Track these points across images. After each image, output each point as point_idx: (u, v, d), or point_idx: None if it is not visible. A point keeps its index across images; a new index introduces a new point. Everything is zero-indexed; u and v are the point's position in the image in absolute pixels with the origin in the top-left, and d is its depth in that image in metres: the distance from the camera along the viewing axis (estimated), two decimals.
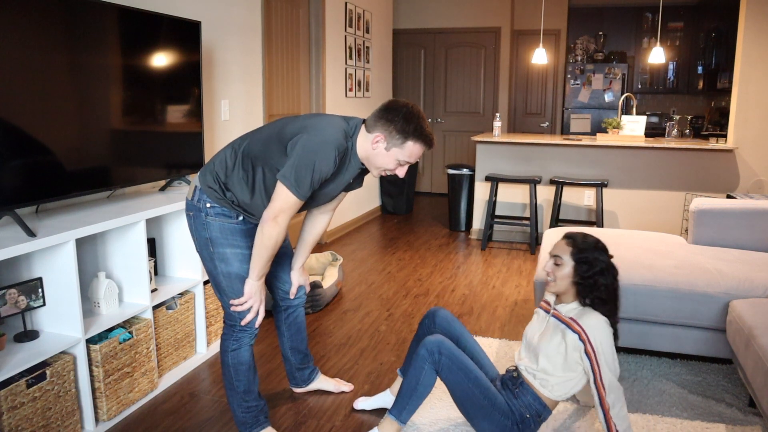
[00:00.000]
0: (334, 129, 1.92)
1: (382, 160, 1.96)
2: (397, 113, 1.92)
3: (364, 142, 1.98)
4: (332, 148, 1.88)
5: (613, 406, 1.98)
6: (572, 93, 7.49)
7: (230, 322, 2.11)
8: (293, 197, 1.89)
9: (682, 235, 4.76)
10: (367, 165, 2.02)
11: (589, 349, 2.00)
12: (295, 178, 1.87)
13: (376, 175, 2.04)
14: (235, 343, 2.11)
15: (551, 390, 2.10)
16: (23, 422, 1.96)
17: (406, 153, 1.94)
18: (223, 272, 2.05)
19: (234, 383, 2.13)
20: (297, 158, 1.87)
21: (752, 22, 4.58)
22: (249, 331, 2.11)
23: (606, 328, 2.03)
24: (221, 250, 2.03)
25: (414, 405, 2.10)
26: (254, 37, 3.95)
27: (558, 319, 2.14)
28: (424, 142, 1.94)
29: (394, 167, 1.98)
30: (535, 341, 2.17)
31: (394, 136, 1.92)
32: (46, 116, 2.13)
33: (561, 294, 2.15)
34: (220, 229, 2.03)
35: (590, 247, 2.10)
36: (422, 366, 2.07)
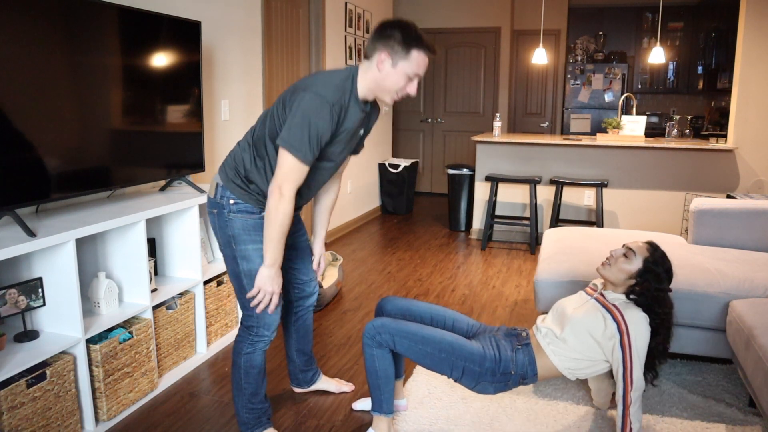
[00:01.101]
0: (328, 86, 1.88)
1: (392, 79, 1.91)
2: (393, 28, 1.88)
3: (367, 72, 1.93)
4: (326, 105, 1.84)
5: (634, 403, 2.01)
6: (572, 93, 7.49)
7: (248, 324, 2.09)
8: (296, 161, 1.85)
9: (682, 235, 4.76)
10: (379, 94, 1.96)
11: (625, 341, 2.02)
12: (294, 140, 1.83)
13: (390, 101, 1.98)
14: (250, 347, 2.09)
15: (560, 359, 2.12)
16: (23, 422, 1.96)
17: (414, 64, 1.89)
18: (245, 271, 2.02)
19: (242, 384, 2.12)
20: (292, 119, 1.84)
21: (752, 22, 4.58)
22: (266, 337, 2.09)
23: (646, 327, 2.06)
24: (243, 247, 2.01)
25: (387, 393, 2.12)
26: (254, 37, 3.95)
27: (600, 303, 2.15)
28: (428, 50, 1.91)
29: (404, 84, 1.92)
30: (568, 312, 2.18)
31: (397, 50, 1.87)
32: (46, 116, 2.13)
33: (609, 282, 2.18)
34: (242, 227, 2.01)
35: (665, 266, 2.15)
36: (371, 353, 2.10)
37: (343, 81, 1.92)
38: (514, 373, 2.11)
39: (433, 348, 2.06)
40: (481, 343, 2.15)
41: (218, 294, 2.99)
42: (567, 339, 2.12)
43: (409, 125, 7.75)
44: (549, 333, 2.17)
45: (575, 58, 7.57)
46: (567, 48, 7.46)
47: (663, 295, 2.11)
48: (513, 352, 2.13)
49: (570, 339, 2.11)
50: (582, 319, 2.11)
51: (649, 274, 2.11)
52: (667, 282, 2.14)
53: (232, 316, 3.14)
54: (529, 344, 2.17)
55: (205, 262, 3.03)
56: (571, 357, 2.11)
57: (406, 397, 2.48)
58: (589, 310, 2.14)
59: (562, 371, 2.13)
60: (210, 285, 2.92)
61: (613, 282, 2.16)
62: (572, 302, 2.24)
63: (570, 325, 2.12)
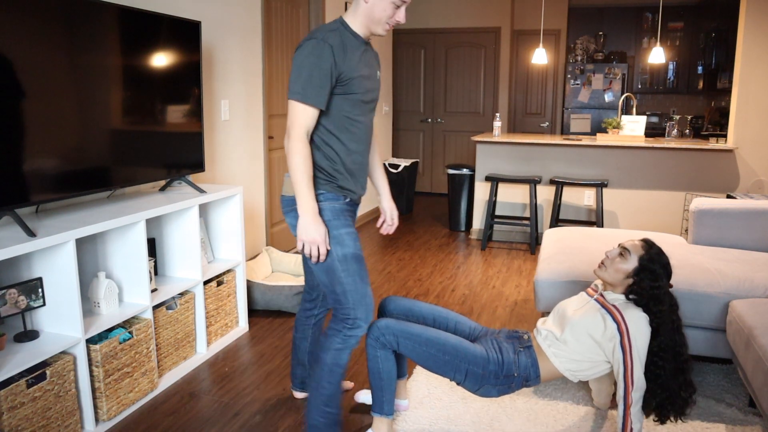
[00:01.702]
0: (316, 30, 1.94)
1: (380, 8, 1.93)
2: None
3: (356, 9, 1.98)
4: (318, 42, 1.88)
5: (635, 404, 2.00)
6: (572, 93, 7.49)
7: (345, 316, 2.01)
8: (299, 104, 1.88)
9: (682, 235, 4.76)
10: (371, 27, 1.99)
11: (626, 341, 2.02)
12: (294, 86, 1.87)
13: (383, 32, 2.01)
14: (341, 343, 2.03)
15: (561, 361, 2.12)
16: (23, 422, 1.96)
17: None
18: (339, 256, 1.98)
19: (323, 383, 2.04)
20: (292, 72, 1.90)
21: (752, 22, 4.58)
22: (361, 330, 2.02)
23: (646, 326, 2.05)
24: (336, 232, 1.98)
25: (389, 394, 2.12)
26: (254, 37, 3.95)
27: (600, 304, 2.15)
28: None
29: (392, 11, 1.95)
30: (568, 314, 2.18)
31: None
32: (46, 116, 2.13)
33: (607, 283, 2.18)
34: (332, 211, 2.00)
35: (661, 262, 2.13)
36: (375, 354, 2.09)
37: (330, 26, 1.97)
38: (516, 375, 2.11)
39: (437, 350, 2.06)
40: (484, 346, 2.15)
41: (218, 294, 2.99)
42: (567, 340, 2.12)
43: (409, 125, 7.75)
44: (549, 335, 2.17)
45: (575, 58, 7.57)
46: (567, 48, 7.46)
47: (660, 293, 2.09)
48: (515, 355, 2.13)
49: (570, 340, 2.11)
50: (582, 321, 2.11)
51: (646, 272, 2.10)
52: (665, 278, 2.12)
53: (232, 316, 3.15)
54: (530, 347, 2.17)
55: (205, 262, 3.03)
56: (572, 358, 2.11)
57: (407, 398, 2.48)
58: (589, 311, 2.14)
59: (564, 373, 2.13)
60: (210, 285, 2.92)
61: (611, 283, 2.16)
62: (573, 304, 2.24)
63: (570, 327, 2.12)
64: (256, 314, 3.46)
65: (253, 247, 4.07)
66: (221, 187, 3.08)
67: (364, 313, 2.01)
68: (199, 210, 3.06)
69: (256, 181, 4.09)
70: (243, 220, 3.13)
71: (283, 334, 3.19)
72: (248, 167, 3.98)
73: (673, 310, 2.13)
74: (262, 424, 2.34)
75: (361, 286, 2.00)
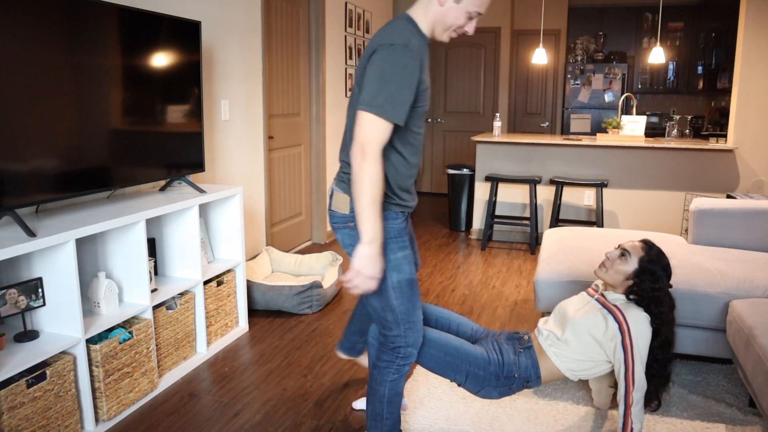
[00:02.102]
0: (394, 33, 1.73)
1: (453, 15, 1.78)
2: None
3: (428, 8, 1.80)
4: (401, 50, 1.69)
5: (635, 404, 2.00)
6: (572, 93, 7.49)
7: (394, 345, 1.90)
8: (376, 118, 1.67)
9: (682, 235, 4.76)
10: (437, 32, 1.83)
11: (627, 341, 2.02)
12: (372, 98, 1.67)
13: (447, 39, 1.85)
14: (396, 374, 1.93)
15: (562, 361, 2.12)
16: (23, 422, 1.96)
17: (477, 2, 1.79)
18: (394, 283, 1.84)
19: (384, 415, 1.96)
20: (368, 79, 1.69)
21: (752, 22, 4.58)
22: (413, 357, 1.93)
23: (648, 326, 2.06)
24: (393, 256, 1.84)
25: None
26: (254, 37, 3.95)
27: (601, 304, 2.15)
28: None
29: (464, 22, 1.81)
30: (569, 314, 2.19)
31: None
32: (46, 116, 2.13)
33: (608, 285, 2.18)
34: (389, 231, 1.84)
35: (661, 263, 2.13)
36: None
37: (404, 26, 1.78)
38: (517, 376, 2.11)
39: (438, 351, 2.05)
40: (484, 347, 2.14)
41: (218, 294, 2.99)
42: (569, 340, 2.12)
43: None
44: (551, 335, 2.17)
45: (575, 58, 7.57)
46: (567, 48, 7.46)
47: (661, 294, 2.10)
48: (516, 356, 2.13)
49: (571, 340, 2.11)
50: (583, 320, 2.11)
51: (646, 274, 2.10)
52: (665, 279, 2.13)
53: (232, 316, 3.15)
54: (531, 347, 2.17)
55: (205, 262, 3.04)
56: (573, 358, 2.11)
57: (405, 397, 2.48)
58: (590, 311, 2.14)
59: (564, 372, 2.13)
60: (210, 285, 2.92)
61: (611, 284, 2.16)
62: (574, 304, 2.24)
63: (571, 327, 2.12)
64: (256, 314, 3.46)
65: (253, 247, 4.07)
66: (221, 187, 3.08)
67: (414, 340, 1.92)
68: (199, 210, 3.06)
69: (256, 181, 4.09)
70: (243, 220, 3.13)
71: (283, 334, 3.19)
72: (248, 167, 3.98)
73: (671, 310, 2.14)
74: (262, 424, 2.34)
75: (412, 314, 1.89)
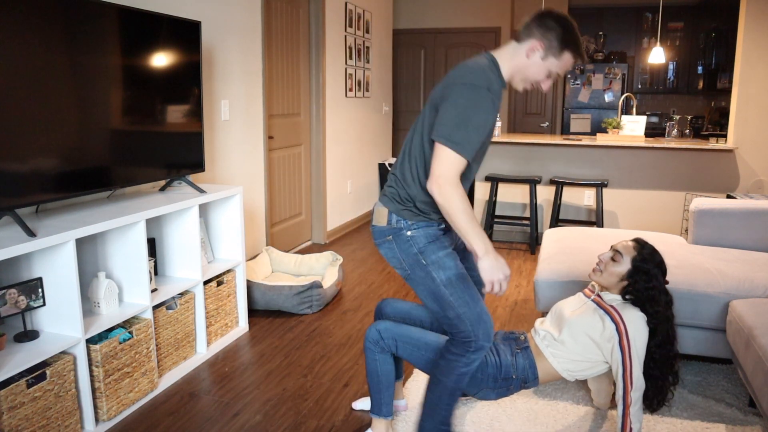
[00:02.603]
0: (479, 74, 1.79)
1: (535, 70, 1.87)
2: (557, 22, 1.83)
3: (514, 55, 1.87)
4: (484, 93, 1.76)
5: (634, 404, 2.00)
6: (572, 93, 7.49)
7: (465, 339, 1.90)
8: (455, 155, 1.74)
9: (682, 235, 4.76)
10: (515, 79, 1.91)
11: (624, 342, 2.02)
12: (453, 134, 1.74)
13: (521, 88, 1.94)
14: (465, 366, 1.93)
15: (559, 361, 2.12)
16: (23, 422, 1.96)
17: (561, 64, 1.87)
18: (443, 281, 1.89)
19: (442, 405, 1.97)
20: (448, 112, 1.76)
21: (752, 22, 4.58)
22: (485, 348, 1.92)
23: (644, 326, 2.06)
24: (434, 256, 1.89)
25: (387, 396, 2.12)
26: (254, 37, 3.95)
27: (598, 304, 2.15)
28: (581, 56, 1.87)
29: (543, 78, 1.89)
30: (566, 314, 2.18)
31: (553, 45, 1.83)
32: (46, 116, 2.13)
33: (604, 287, 2.18)
34: (426, 236, 1.91)
35: (654, 261, 2.12)
36: (373, 357, 2.09)
37: (489, 68, 1.84)
38: (515, 377, 2.11)
39: (436, 355, 2.05)
40: None
41: (218, 294, 2.99)
42: (565, 341, 2.12)
43: (409, 125, 7.75)
44: (547, 336, 2.17)
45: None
46: None
47: (656, 293, 2.09)
48: (513, 357, 2.13)
49: (568, 341, 2.11)
50: (579, 321, 2.11)
51: (640, 274, 2.10)
52: (661, 276, 2.12)
53: (232, 316, 3.14)
54: (528, 348, 2.16)
55: (205, 262, 3.04)
56: (570, 359, 2.11)
57: (405, 398, 2.48)
58: (587, 312, 2.14)
59: (561, 373, 2.13)
60: (210, 285, 2.91)
61: (607, 286, 2.16)
62: (570, 304, 2.24)
63: (568, 327, 2.12)
64: (256, 314, 3.46)
65: (253, 247, 4.07)
66: (221, 187, 3.08)
67: (484, 332, 1.91)
68: (199, 210, 3.06)
69: (256, 181, 4.09)
70: (243, 220, 3.13)
71: (283, 334, 3.19)
72: (248, 167, 3.98)
73: (668, 307, 2.13)
74: (262, 424, 2.34)
75: (473, 306, 1.90)
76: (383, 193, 2.00)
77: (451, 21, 7.40)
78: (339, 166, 5.40)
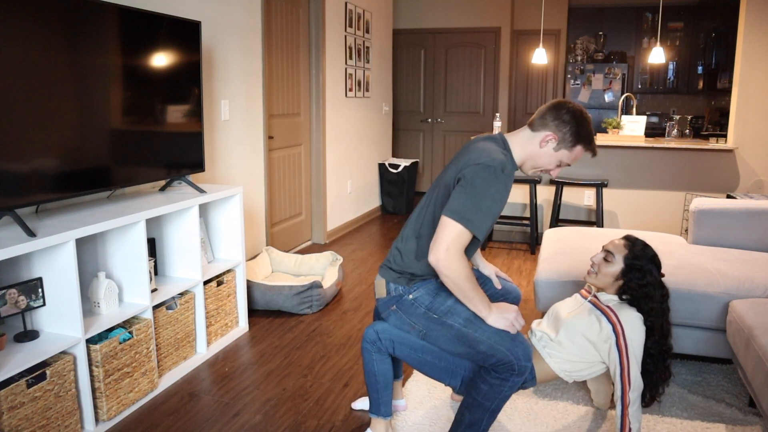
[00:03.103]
0: (494, 156, 1.86)
1: (546, 160, 1.96)
2: (572, 116, 1.92)
3: (527, 143, 1.96)
4: (499, 174, 1.83)
5: (632, 404, 2.00)
6: (572, 93, 7.49)
7: (507, 365, 1.89)
8: (464, 230, 1.80)
9: (682, 235, 4.76)
10: (525, 164, 2.00)
11: (621, 342, 2.02)
12: (466, 211, 1.80)
13: (531, 173, 2.03)
14: (510, 390, 1.92)
15: (556, 362, 2.12)
16: (23, 422, 1.96)
17: (572, 156, 1.96)
18: (462, 323, 1.92)
19: (483, 426, 1.97)
20: (464, 190, 1.82)
21: (752, 22, 4.58)
22: (528, 367, 1.91)
23: (641, 326, 2.05)
24: (443, 307, 1.94)
25: (386, 396, 2.12)
26: (254, 37, 3.95)
27: (594, 305, 2.15)
28: (592, 151, 1.97)
29: (553, 167, 1.98)
30: (562, 315, 2.18)
31: (567, 138, 1.92)
32: (46, 116, 2.13)
33: (600, 288, 2.18)
34: (428, 293, 1.97)
35: (646, 257, 2.12)
36: (370, 358, 2.09)
37: (502, 151, 1.93)
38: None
39: (433, 357, 2.05)
40: None
41: (218, 294, 2.99)
42: (562, 342, 2.12)
43: (409, 125, 7.75)
44: (544, 336, 2.17)
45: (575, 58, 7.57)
46: (567, 48, 7.46)
47: (650, 289, 2.08)
48: None
49: (565, 342, 2.11)
50: (576, 322, 2.12)
51: (633, 271, 2.10)
52: (655, 270, 2.11)
53: (232, 316, 3.15)
54: None
55: (205, 262, 3.04)
56: (567, 359, 2.11)
57: (405, 397, 2.48)
58: (583, 313, 2.14)
59: (559, 374, 2.13)
60: (210, 285, 2.92)
61: (603, 287, 2.16)
62: (567, 305, 2.24)
63: (564, 328, 2.13)
64: (256, 314, 3.46)
65: (253, 247, 4.07)
66: (221, 187, 3.08)
67: (523, 353, 1.90)
68: (199, 210, 3.06)
69: (256, 181, 4.09)
70: (243, 220, 3.13)
71: (283, 334, 3.19)
72: (248, 167, 3.98)
73: (663, 300, 2.12)
74: (262, 424, 2.34)
75: (501, 331, 1.92)
76: (381, 264, 2.08)
77: (451, 21, 7.40)
78: (339, 166, 5.40)
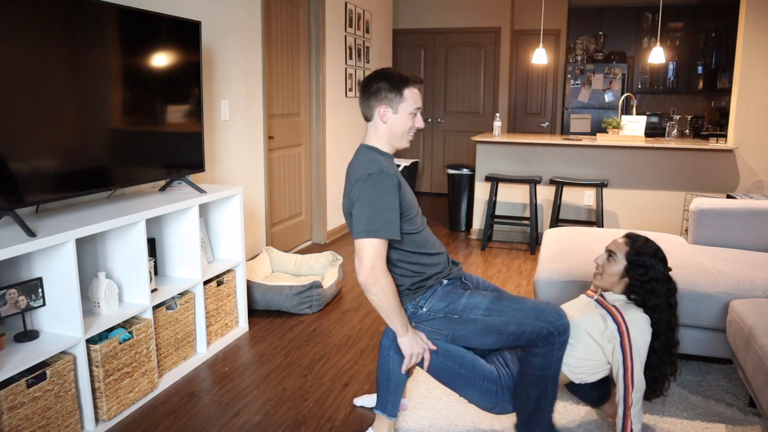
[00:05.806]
0: (365, 163, 1.95)
1: (400, 123, 2.02)
2: (377, 80, 1.99)
3: (378, 130, 2.04)
4: (378, 176, 1.90)
5: (635, 405, 2.00)
6: (572, 93, 7.49)
7: (544, 334, 1.95)
8: (377, 241, 1.88)
9: (682, 235, 4.76)
10: (394, 142, 2.06)
11: (626, 342, 2.01)
12: (367, 225, 1.87)
13: (407, 143, 2.09)
14: (560, 350, 1.99)
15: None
16: (23, 422, 1.96)
17: (411, 101, 2.01)
18: (484, 314, 1.98)
19: (549, 393, 2.03)
20: (357, 210, 1.90)
21: (752, 22, 4.58)
22: (565, 325, 1.97)
23: (647, 327, 2.05)
24: (460, 306, 2.00)
25: (395, 396, 2.11)
26: (254, 37, 3.94)
27: (600, 304, 2.15)
28: (414, 82, 2.02)
29: (411, 124, 2.03)
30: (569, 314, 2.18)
31: (391, 97, 1.99)
32: (46, 116, 2.13)
33: (606, 289, 2.17)
34: (440, 299, 2.02)
35: (648, 252, 2.11)
36: (387, 354, 2.08)
37: (369, 155, 2.01)
38: None
39: (454, 363, 2.04)
40: (491, 363, 2.13)
41: (218, 294, 2.99)
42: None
43: None
44: None
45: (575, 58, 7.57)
46: (567, 48, 7.46)
47: (654, 284, 2.08)
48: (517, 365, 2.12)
49: (570, 340, 2.11)
50: (581, 320, 2.11)
51: (636, 267, 2.09)
52: (660, 264, 2.10)
53: (232, 316, 3.14)
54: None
55: (205, 262, 3.04)
56: (572, 355, 2.11)
57: (406, 397, 2.48)
58: (589, 311, 2.14)
59: (563, 370, 2.13)
60: (210, 285, 2.92)
61: (609, 288, 2.16)
62: (573, 305, 2.25)
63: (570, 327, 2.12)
64: (256, 314, 3.46)
65: (253, 247, 4.07)
66: (221, 187, 3.08)
67: (552, 314, 1.97)
68: (199, 210, 3.06)
69: (256, 181, 4.09)
70: (243, 220, 3.13)
71: (283, 334, 3.19)
72: (248, 167, 3.98)
73: (670, 295, 2.11)
74: (262, 424, 2.34)
75: (525, 306, 1.98)
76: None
77: (451, 21, 7.40)
78: (339, 166, 5.40)
